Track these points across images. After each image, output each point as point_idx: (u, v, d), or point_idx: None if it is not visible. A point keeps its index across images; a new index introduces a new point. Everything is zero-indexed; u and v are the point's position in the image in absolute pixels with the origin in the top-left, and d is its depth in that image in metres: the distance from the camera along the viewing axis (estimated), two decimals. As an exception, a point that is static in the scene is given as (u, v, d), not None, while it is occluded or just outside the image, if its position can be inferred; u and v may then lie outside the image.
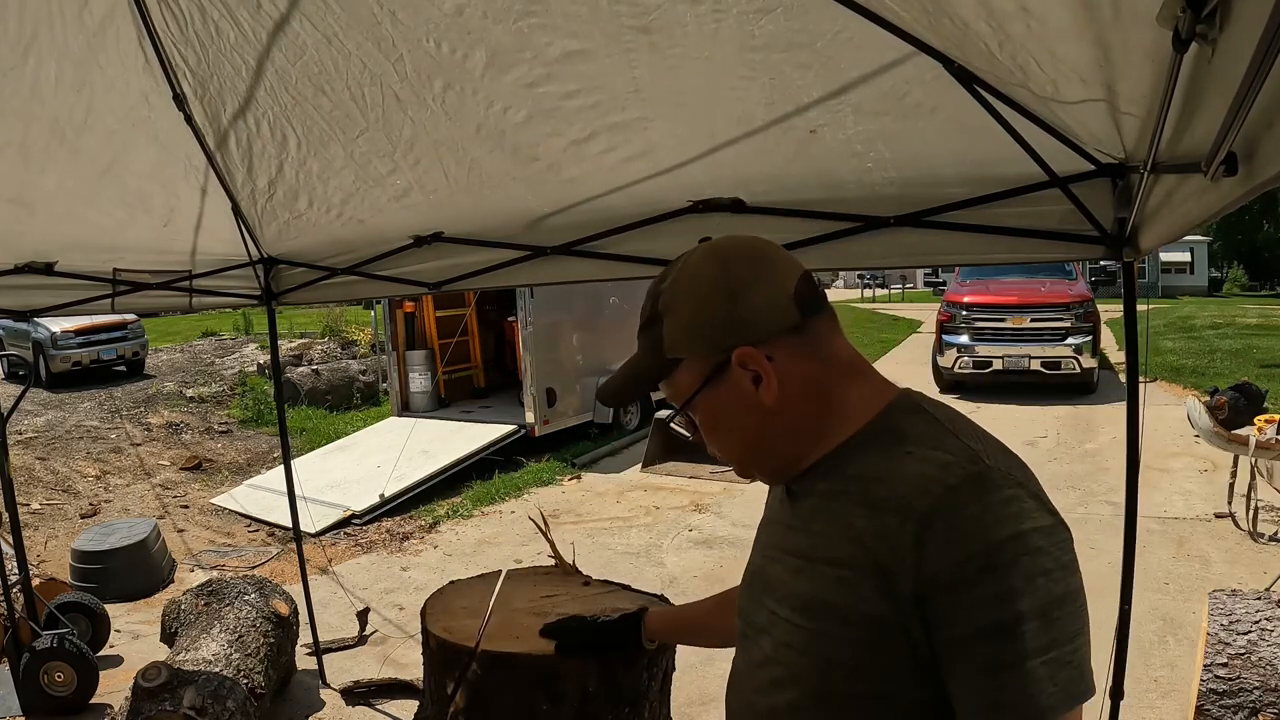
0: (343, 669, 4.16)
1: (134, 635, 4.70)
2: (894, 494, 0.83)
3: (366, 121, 2.32)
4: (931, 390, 10.71)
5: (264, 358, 12.61)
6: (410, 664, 4.09)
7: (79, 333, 11.53)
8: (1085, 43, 1.09)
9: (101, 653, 4.23)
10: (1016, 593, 0.76)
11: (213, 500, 7.53)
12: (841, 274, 32.94)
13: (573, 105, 2.05)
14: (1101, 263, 2.66)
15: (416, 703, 2.16)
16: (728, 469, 7.53)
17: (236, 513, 7.15)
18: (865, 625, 0.84)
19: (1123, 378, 10.95)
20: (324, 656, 4.13)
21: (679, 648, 1.85)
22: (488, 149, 2.34)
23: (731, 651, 1.13)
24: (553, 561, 2.17)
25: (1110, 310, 12.01)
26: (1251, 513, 5.36)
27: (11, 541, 3.87)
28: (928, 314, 18.70)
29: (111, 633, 4.45)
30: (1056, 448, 7.98)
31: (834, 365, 0.95)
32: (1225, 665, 2.83)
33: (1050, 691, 0.76)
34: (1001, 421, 8.78)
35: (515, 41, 1.86)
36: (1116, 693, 2.24)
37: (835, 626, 0.86)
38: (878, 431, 0.91)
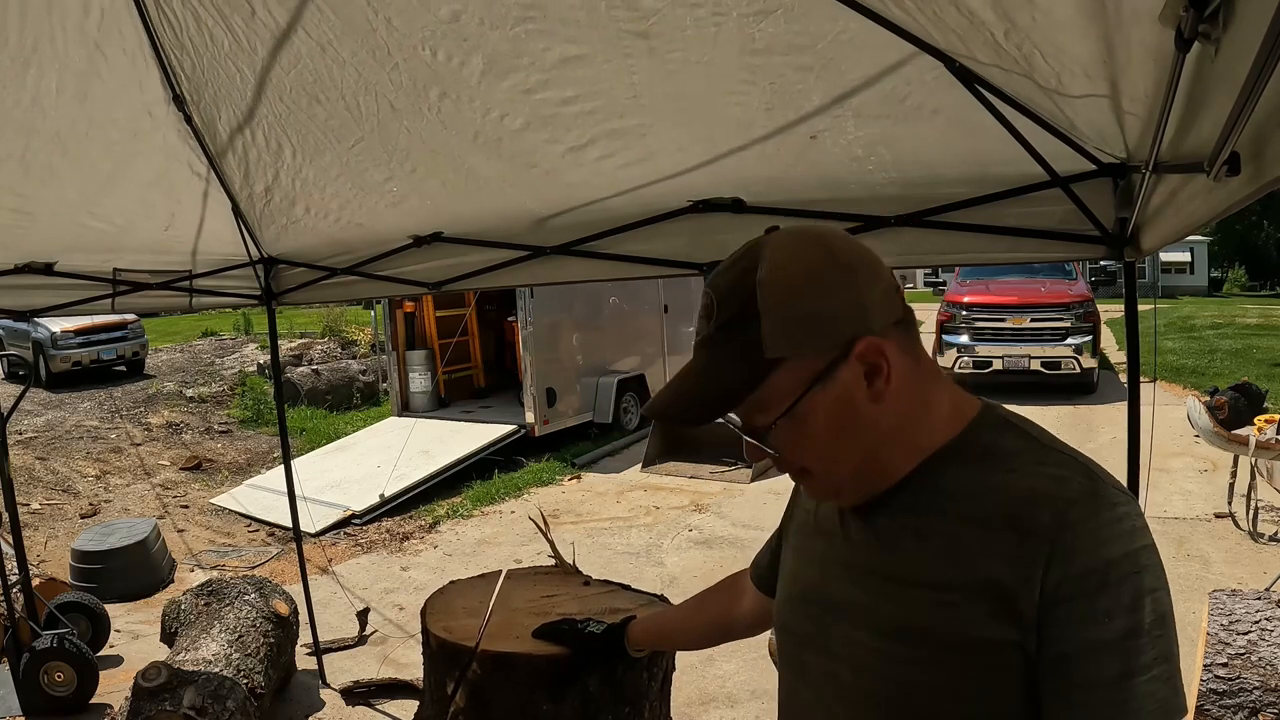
0: (343, 669, 4.15)
1: (134, 635, 4.70)
2: (1006, 510, 0.80)
3: (362, 131, 2.31)
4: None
5: (264, 358, 12.61)
6: (410, 664, 4.09)
7: (79, 333, 11.52)
8: (1089, 38, 1.09)
9: (101, 653, 4.23)
10: (1126, 610, 0.76)
11: (213, 500, 7.53)
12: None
13: (571, 111, 2.04)
14: (1101, 263, 2.66)
15: (416, 703, 2.16)
16: (728, 469, 7.58)
17: (236, 513, 7.15)
18: (974, 650, 0.80)
19: (1123, 378, 10.96)
20: (324, 656, 4.13)
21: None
22: (485, 156, 2.33)
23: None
24: (553, 561, 2.17)
25: (1110, 310, 12.02)
26: (1251, 513, 5.36)
27: (11, 541, 3.87)
28: (928, 314, 18.69)
29: (111, 633, 4.45)
30: (1056, 448, 7.97)
31: (926, 363, 0.90)
32: (1225, 665, 2.83)
33: (1150, 710, 0.76)
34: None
35: (512, 47, 1.84)
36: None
37: (938, 652, 0.82)
38: (968, 446, 0.87)
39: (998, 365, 10.31)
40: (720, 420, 0.90)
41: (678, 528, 6.22)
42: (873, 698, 0.88)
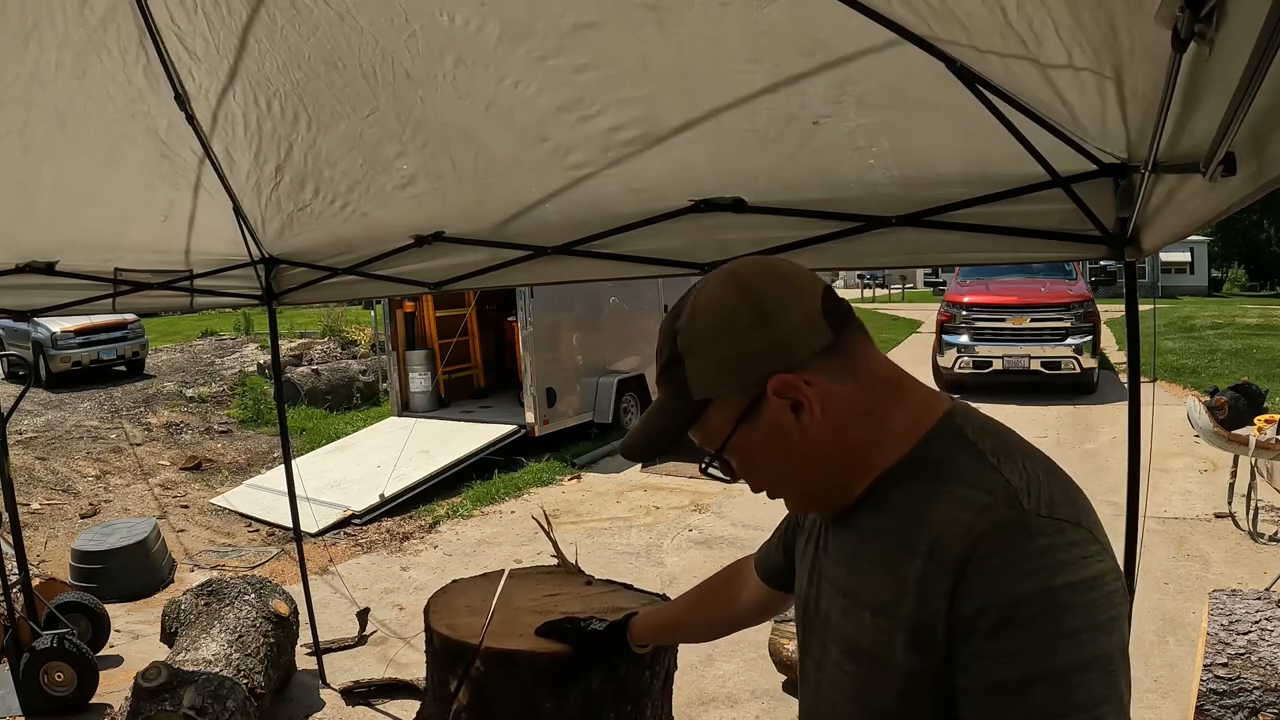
0: (343, 669, 4.16)
1: (134, 635, 4.70)
2: (932, 539, 0.79)
3: (377, 100, 2.31)
4: (931, 390, 10.71)
5: (264, 358, 12.61)
6: (410, 664, 4.09)
7: (79, 333, 11.52)
8: (1097, 23, 1.09)
9: (101, 653, 4.23)
10: (1031, 653, 0.72)
11: (212, 500, 7.53)
12: (841, 274, 32.96)
13: (583, 79, 2.04)
14: (1101, 263, 2.66)
15: (417, 703, 2.17)
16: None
17: (236, 513, 7.15)
18: (905, 676, 0.82)
19: (1123, 378, 10.96)
20: (324, 656, 4.13)
21: (680, 647, 1.86)
22: (496, 130, 2.33)
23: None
24: (555, 561, 2.18)
25: (1110, 310, 12.02)
26: (1251, 513, 5.36)
27: (11, 541, 3.87)
28: (928, 314, 18.70)
29: (111, 633, 4.45)
30: (1056, 448, 7.97)
31: (875, 383, 0.88)
32: (1225, 665, 2.83)
33: None
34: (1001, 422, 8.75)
35: (528, 12, 1.86)
36: (1117, 692, 2.24)
37: (879, 674, 0.84)
38: (920, 462, 0.86)
39: (998, 365, 10.31)
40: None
41: (678, 528, 6.22)
42: (836, 710, 0.92)
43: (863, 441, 0.87)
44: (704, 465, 0.92)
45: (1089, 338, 10.15)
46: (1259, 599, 3.04)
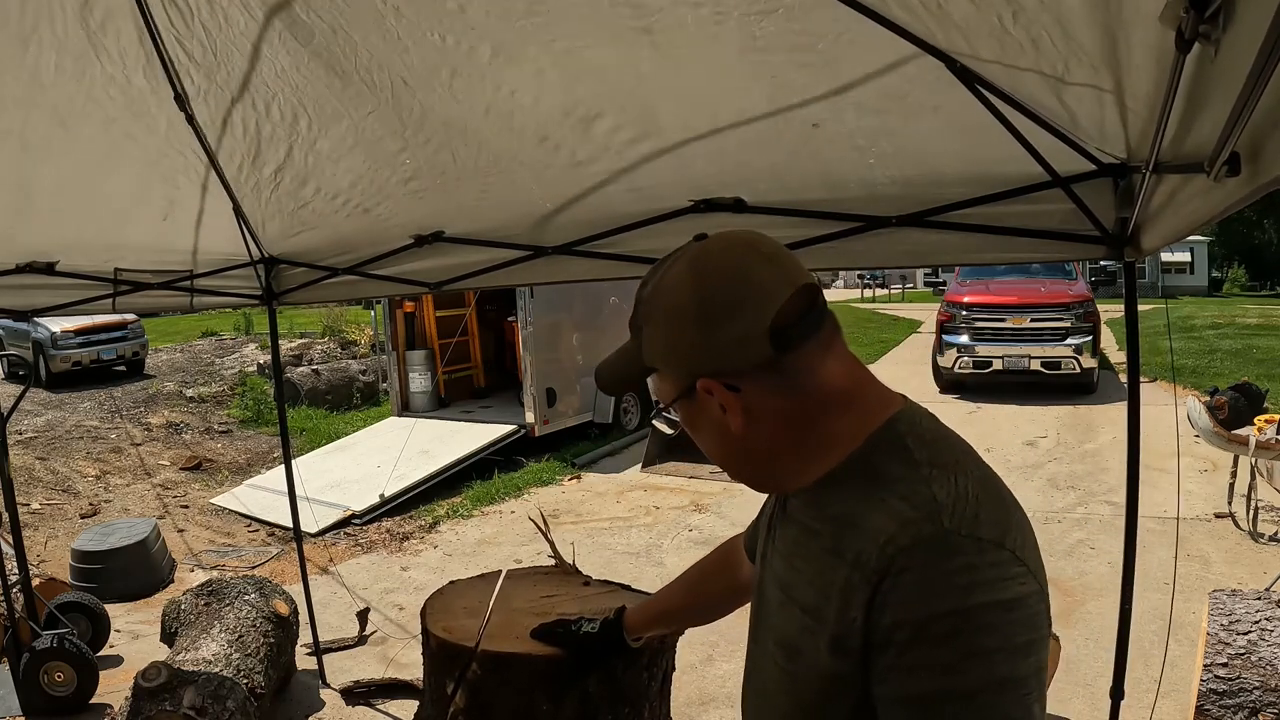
0: (343, 669, 4.16)
1: (134, 635, 4.70)
2: (858, 548, 0.79)
3: (377, 100, 2.31)
4: (931, 390, 10.73)
5: (264, 358, 12.61)
6: (410, 664, 4.09)
7: (79, 333, 11.53)
8: (1095, 29, 1.09)
9: (101, 653, 4.23)
10: (945, 670, 0.73)
11: (213, 500, 7.53)
12: (841, 274, 32.95)
13: (580, 91, 2.05)
14: (1101, 262, 2.66)
15: (416, 703, 2.16)
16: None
17: (236, 513, 7.15)
18: (827, 677, 0.83)
19: (1123, 378, 10.96)
20: (324, 656, 4.13)
21: (679, 647, 1.85)
22: (496, 129, 2.33)
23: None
24: (553, 561, 2.17)
25: (1110, 310, 12.02)
26: (1251, 513, 5.36)
27: (11, 541, 3.87)
28: (928, 314, 18.70)
29: (111, 633, 4.45)
30: (1056, 448, 7.97)
31: (816, 397, 0.87)
32: (1225, 665, 2.83)
33: None
34: (1001, 421, 8.78)
35: (519, 38, 1.86)
36: (1116, 693, 2.24)
37: (803, 670, 0.86)
38: (857, 467, 0.86)
39: (998, 365, 10.31)
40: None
41: (678, 528, 6.22)
42: (763, 697, 0.95)
43: (797, 447, 0.89)
44: (653, 413, 0.99)
45: (1089, 338, 10.15)
46: (1259, 599, 3.04)
